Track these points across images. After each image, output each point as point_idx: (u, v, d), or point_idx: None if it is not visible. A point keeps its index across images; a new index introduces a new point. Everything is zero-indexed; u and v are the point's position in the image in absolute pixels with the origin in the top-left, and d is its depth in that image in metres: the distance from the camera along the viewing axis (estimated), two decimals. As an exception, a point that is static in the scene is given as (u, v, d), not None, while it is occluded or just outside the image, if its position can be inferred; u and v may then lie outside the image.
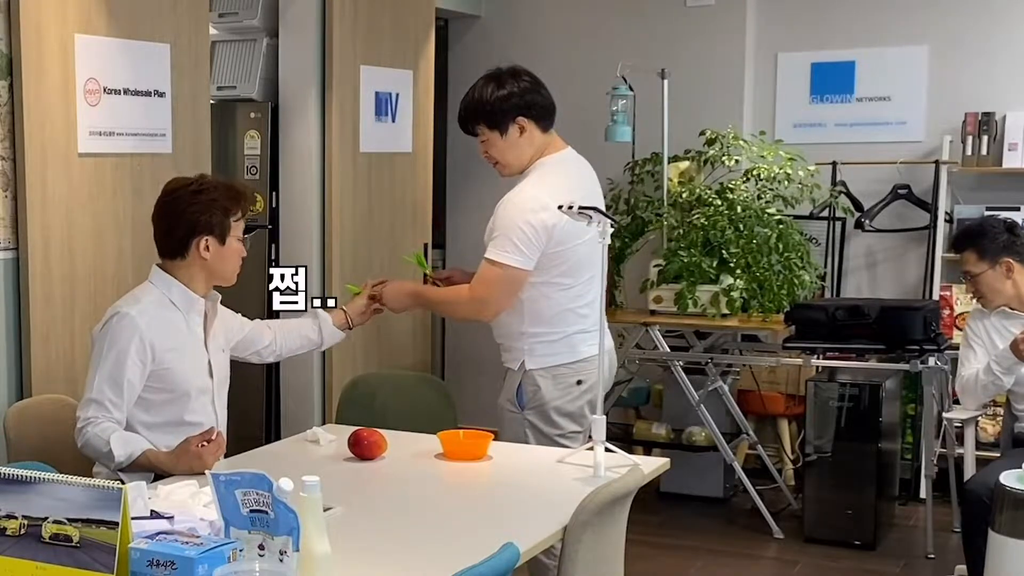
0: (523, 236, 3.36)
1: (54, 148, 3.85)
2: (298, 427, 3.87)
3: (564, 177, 3.49)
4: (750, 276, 5.11)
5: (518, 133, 3.50)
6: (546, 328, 3.46)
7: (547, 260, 3.40)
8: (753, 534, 5.06)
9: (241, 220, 3.10)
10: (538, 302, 3.45)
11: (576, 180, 3.52)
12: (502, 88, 3.49)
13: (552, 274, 3.42)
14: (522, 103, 3.49)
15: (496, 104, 3.48)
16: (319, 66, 5.10)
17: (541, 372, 3.46)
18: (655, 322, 5.20)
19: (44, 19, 3.78)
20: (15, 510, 1.99)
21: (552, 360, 3.46)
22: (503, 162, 3.56)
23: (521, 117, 3.48)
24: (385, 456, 3.11)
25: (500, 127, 3.50)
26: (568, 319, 3.46)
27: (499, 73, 3.54)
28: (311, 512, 1.99)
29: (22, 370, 3.83)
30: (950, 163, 5.54)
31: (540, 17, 6.39)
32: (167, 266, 3.09)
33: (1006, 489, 3.00)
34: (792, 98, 5.97)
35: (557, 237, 3.37)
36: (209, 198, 3.03)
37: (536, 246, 3.37)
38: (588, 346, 3.42)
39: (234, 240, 3.08)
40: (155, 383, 3.00)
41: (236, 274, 3.16)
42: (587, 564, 2.58)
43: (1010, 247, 4.19)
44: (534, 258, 3.38)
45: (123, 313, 2.98)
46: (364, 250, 5.29)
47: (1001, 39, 5.57)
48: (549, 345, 3.46)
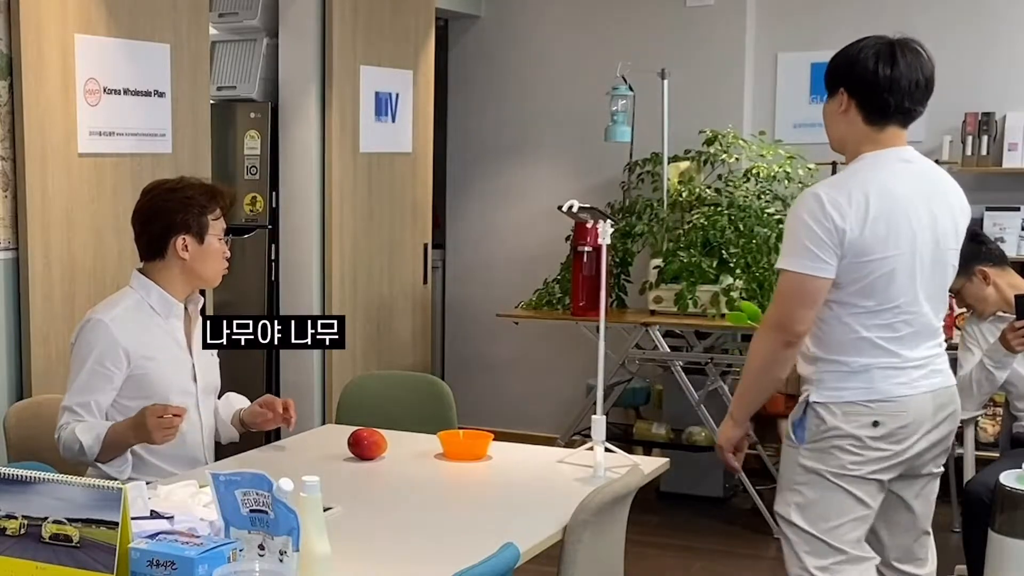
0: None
1: (54, 148, 3.85)
2: (298, 427, 3.87)
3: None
4: (750, 276, 5.11)
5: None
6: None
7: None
8: (753, 534, 5.06)
9: (220, 219, 3.06)
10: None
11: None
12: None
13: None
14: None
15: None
16: (319, 66, 5.10)
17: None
18: (655, 322, 5.20)
19: (44, 19, 3.78)
20: (15, 510, 1.99)
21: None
22: None
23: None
24: (385, 456, 3.11)
25: None
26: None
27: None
28: (311, 512, 1.99)
29: (22, 370, 3.83)
30: (950, 163, 5.54)
31: (540, 17, 6.39)
32: (147, 269, 3.06)
33: (1006, 489, 3.00)
34: (792, 98, 5.97)
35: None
36: (184, 196, 3.00)
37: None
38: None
39: (214, 239, 3.04)
40: (132, 389, 2.97)
41: (219, 275, 3.11)
42: (587, 564, 2.58)
43: (978, 256, 4.10)
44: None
45: (96, 319, 2.96)
46: (364, 250, 5.29)
47: (1001, 39, 5.57)
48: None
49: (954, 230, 2.87)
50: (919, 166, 2.89)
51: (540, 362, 6.30)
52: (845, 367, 2.83)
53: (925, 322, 2.85)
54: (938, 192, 2.88)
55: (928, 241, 2.80)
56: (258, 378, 5.11)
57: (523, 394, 6.41)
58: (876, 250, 2.74)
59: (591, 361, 3.61)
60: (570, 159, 6.27)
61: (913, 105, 2.88)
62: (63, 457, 2.93)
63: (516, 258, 6.37)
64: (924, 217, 2.79)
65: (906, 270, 2.78)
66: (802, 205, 2.79)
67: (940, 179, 2.93)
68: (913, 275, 2.79)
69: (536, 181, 6.37)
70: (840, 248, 2.73)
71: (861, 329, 2.80)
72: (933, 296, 2.85)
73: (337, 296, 5.12)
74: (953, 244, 2.87)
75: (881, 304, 2.79)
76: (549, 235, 5.92)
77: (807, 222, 2.75)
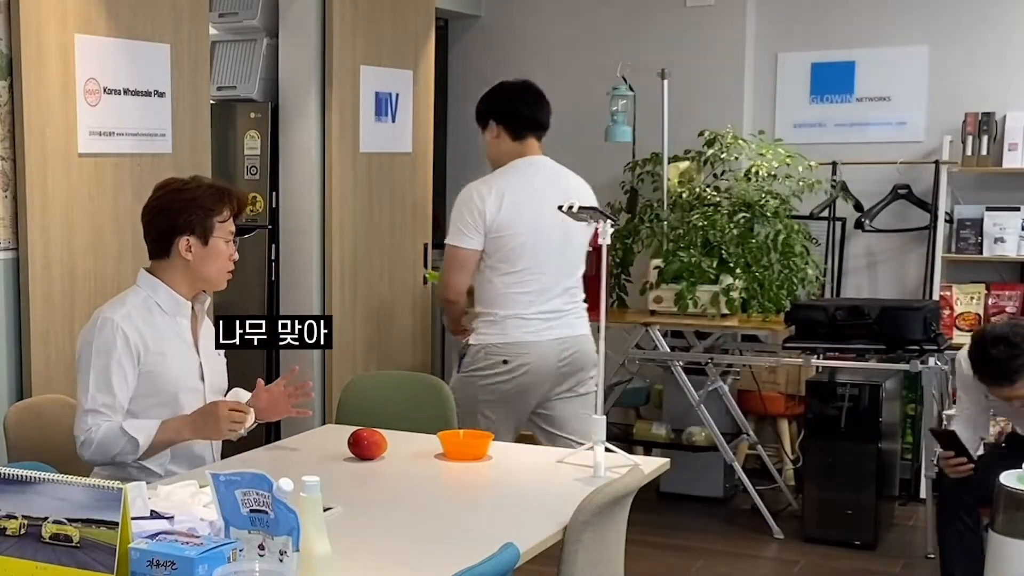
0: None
1: (54, 148, 3.85)
2: (298, 427, 3.87)
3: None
4: (750, 276, 5.11)
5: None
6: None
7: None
8: (753, 534, 5.06)
9: (228, 222, 3.02)
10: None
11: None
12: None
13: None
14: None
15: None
16: (319, 66, 5.10)
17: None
18: (655, 322, 5.20)
19: (44, 19, 3.78)
20: (15, 510, 1.99)
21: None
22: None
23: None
24: (385, 456, 3.11)
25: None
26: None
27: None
28: (311, 512, 1.99)
29: (22, 370, 3.83)
30: (950, 163, 5.54)
31: (540, 17, 6.39)
32: (154, 268, 3.06)
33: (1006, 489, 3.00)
34: (792, 98, 5.97)
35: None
36: (190, 196, 2.98)
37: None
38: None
39: (219, 241, 3.00)
40: (141, 387, 2.97)
41: (224, 278, 3.09)
42: (587, 564, 2.58)
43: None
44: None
45: (107, 318, 2.95)
46: (364, 250, 5.29)
47: (1001, 39, 5.57)
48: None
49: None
50: (546, 168, 3.94)
51: (540, 362, 6.30)
52: (492, 317, 3.84)
53: (551, 283, 3.83)
54: (560, 186, 3.85)
55: (551, 222, 3.67)
56: (257, 376, 5.10)
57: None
58: (507, 228, 3.76)
59: (591, 361, 3.63)
60: (570, 159, 6.24)
61: (544, 122, 3.96)
62: (89, 459, 2.93)
63: (516, 258, 6.36)
64: (548, 204, 3.55)
65: (533, 243, 3.78)
66: (460, 196, 3.85)
67: (562, 176, 3.97)
68: (537, 247, 3.79)
69: (536, 181, 6.37)
70: (483, 225, 3.75)
71: (502, 287, 3.80)
72: (559, 263, 3.85)
73: (337, 296, 5.12)
74: (573, 223, 3.59)
75: (514, 267, 3.79)
76: (549, 235, 5.92)
77: (460, 209, 3.81)
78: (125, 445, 2.88)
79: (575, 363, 3.90)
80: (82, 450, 2.92)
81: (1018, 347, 3.61)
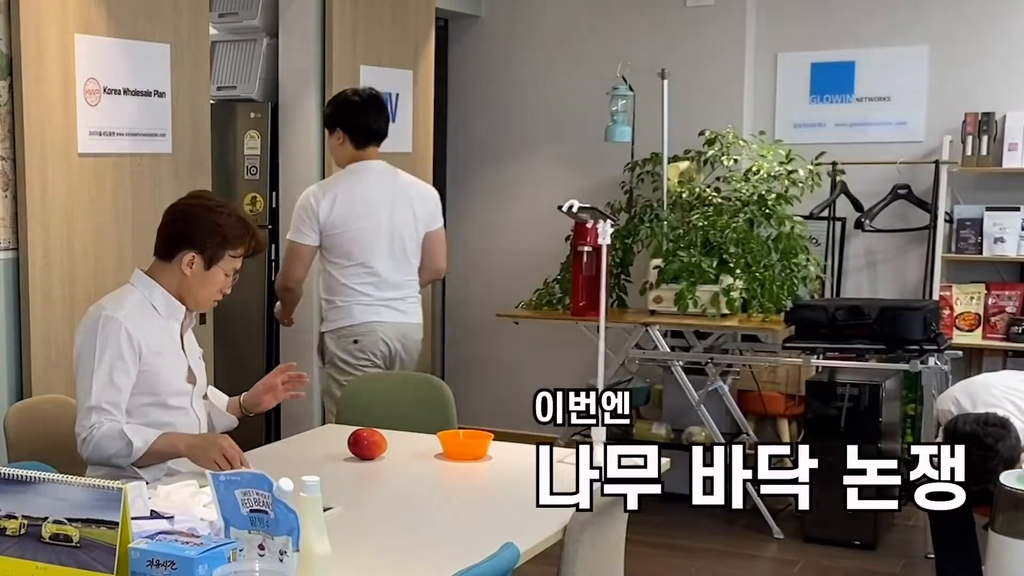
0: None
1: (54, 148, 3.85)
2: (298, 427, 3.87)
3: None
4: (750, 276, 5.11)
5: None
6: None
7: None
8: (753, 534, 5.05)
9: (239, 258, 3.04)
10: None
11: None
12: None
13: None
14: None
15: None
16: (319, 66, 5.10)
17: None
18: (655, 322, 5.20)
19: (44, 19, 3.78)
20: (15, 510, 1.99)
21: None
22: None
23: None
24: (385, 456, 3.11)
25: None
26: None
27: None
28: (311, 512, 1.99)
29: (22, 370, 3.83)
30: (950, 163, 5.54)
31: (540, 17, 6.39)
32: (153, 267, 3.06)
33: (1006, 489, 2.99)
34: (792, 98, 5.97)
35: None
36: (215, 220, 2.98)
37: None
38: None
39: (221, 272, 3.02)
40: (136, 386, 2.97)
41: (209, 304, 3.13)
42: (587, 564, 2.58)
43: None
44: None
45: (110, 316, 2.95)
46: (364, 250, 5.28)
47: (1001, 39, 5.57)
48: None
49: (411, 212, 4.25)
50: (380, 172, 4.25)
51: (540, 362, 6.30)
52: (335, 305, 4.22)
53: (386, 275, 4.20)
54: (398, 188, 4.26)
55: (386, 219, 4.17)
56: (257, 378, 5.08)
57: (523, 394, 6.35)
58: (340, 226, 4.13)
59: (591, 361, 3.61)
60: (570, 159, 6.27)
61: (384, 132, 4.26)
62: (88, 457, 2.92)
63: (516, 258, 6.37)
64: (384, 204, 4.17)
65: (367, 239, 4.15)
66: (299, 199, 4.21)
67: (400, 178, 4.31)
68: (372, 243, 4.15)
69: (536, 181, 6.37)
70: (317, 224, 4.12)
71: (341, 278, 4.19)
72: (393, 257, 4.21)
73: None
74: (410, 221, 4.24)
75: (351, 261, 4.17)
76: (549, 235, 5.92)
77: (298, 210, 4.18)
78: (122, 448, 2.88)
79: (409, 349, 4.32)
80: (82, 447, 2.92)
81: (991, 449, 3.45)
